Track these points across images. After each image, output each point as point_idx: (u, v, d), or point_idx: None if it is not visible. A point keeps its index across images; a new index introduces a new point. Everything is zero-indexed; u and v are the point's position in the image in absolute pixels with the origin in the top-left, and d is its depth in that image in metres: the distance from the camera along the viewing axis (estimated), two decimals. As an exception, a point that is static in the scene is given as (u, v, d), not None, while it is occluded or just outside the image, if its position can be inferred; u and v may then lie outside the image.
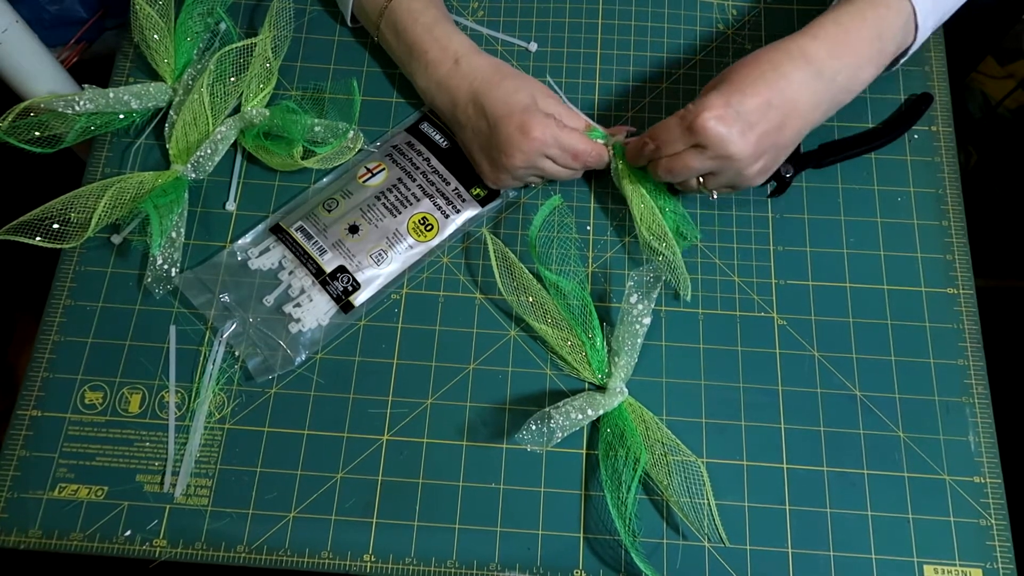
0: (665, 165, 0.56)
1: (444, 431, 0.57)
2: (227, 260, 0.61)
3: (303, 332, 0.59)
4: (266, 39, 0.65)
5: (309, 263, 0.60)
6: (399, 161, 0.63)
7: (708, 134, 0.52)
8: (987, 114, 1.14)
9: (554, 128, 0.58)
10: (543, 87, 0.60)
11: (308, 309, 0.59)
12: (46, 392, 0.58)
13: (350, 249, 0.60)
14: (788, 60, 0.54)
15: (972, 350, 0.58)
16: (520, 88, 0.59)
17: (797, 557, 0.53)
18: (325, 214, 0.61)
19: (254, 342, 0.58)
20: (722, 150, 0.52)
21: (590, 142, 0.60)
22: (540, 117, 0.57)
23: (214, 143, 0.63)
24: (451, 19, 0.64)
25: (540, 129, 0.57)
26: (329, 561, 0.54)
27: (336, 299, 0.59)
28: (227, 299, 0.59)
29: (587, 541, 0.54)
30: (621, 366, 0.56)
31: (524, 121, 0.57)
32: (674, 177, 0.56)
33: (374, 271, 0.60)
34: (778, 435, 0.56)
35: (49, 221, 0.58)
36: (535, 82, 0.60)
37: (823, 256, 0.61)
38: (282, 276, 0.60)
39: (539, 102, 0.59)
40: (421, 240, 0.61)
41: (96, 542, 0.54)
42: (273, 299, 0.60)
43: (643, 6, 0.70)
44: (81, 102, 0.62)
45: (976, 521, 0.54)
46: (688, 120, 0.52)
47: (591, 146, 0.59)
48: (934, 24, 0.58)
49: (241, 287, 0.60)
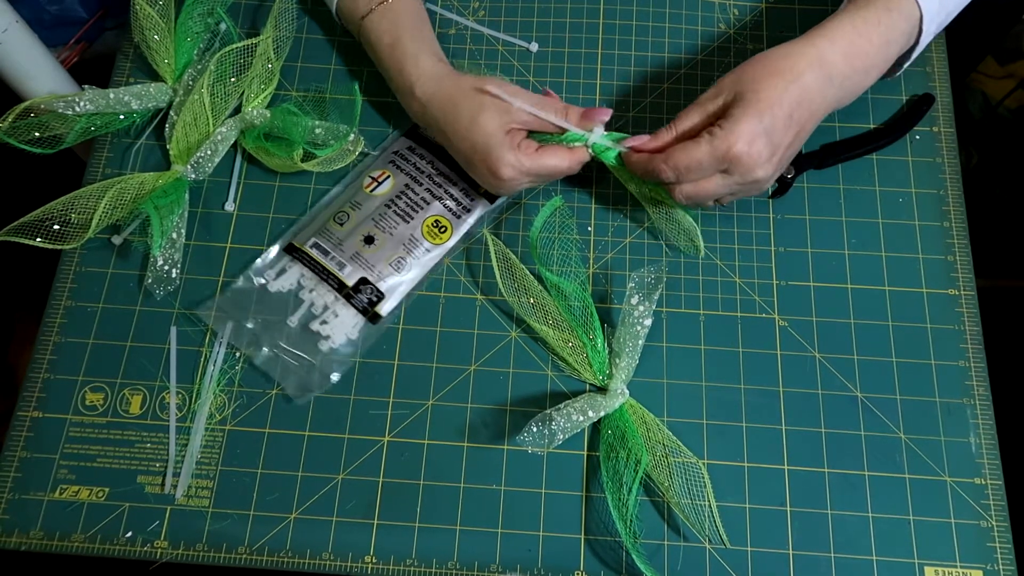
0: (688, 192, 0.54)
1: (445, 432, 0.57)
2: (244, 287, 0.60)
3: (334, 348, 0.59)
4: (268, 39, 0.65)
5: (330, 279, 0.59)
6: (403, 167, 0.63)
7: (743, 163, 0.51)
8: (987, 114, 1.14)
9: (523, 162, 0.56)
10: (500, 104, 0.56)
11: (335, 325, 0.59)
12: (47, 393, 0.58)
13: (368, 260, 0.60)
14: (807, 65, 0.53)
15: (973, 351, 0.58)
16: (475, 119, 0.56)
17: (798, 558, 0.53)
18: (337, 228, 0.61)
19: (287, 365, 0.58)
20: (751, 176, 0.52)
21: (565, 156, 0.57)
22: (505, 155, 0.55)
23: (214, 144, 0.63)
24: (419, 33, 0.62)
25: (508, 170, 0.56)
26: (330, 562, 0.54)
27: (363, 311, 0.59)
28: (252, 326, 0.59)
29: (588, 542, 0.54)
30: (622, 367, 0.56)
31: (489, 165, 0.56)
32: (692, 201, 0.56)
33: (396, 279, 0.60)
34: (779, 436, 0.56)
35: (50, 222, 0.58)
36: (490, 100, 0.56)
37: (824, 257, 0.61)
38: (303, 295, 0.60)
39: (498, 126, 0.56)
40: (437, 243, 0.61)
41: (97, 543, 0.54)
42: (297, 319, 0.59)
43: (644, 6, 0.70)
44: (81, 103, 0.62)
45: (977, 522, 0.54)
46: (721, 151, 0.51)
47: (567, 162, 0.57)
48: (936, 29, 0.58)
49: (264, 312, 0.60)
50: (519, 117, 0.56)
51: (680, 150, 0.53)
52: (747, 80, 0.53)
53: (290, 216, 0.64)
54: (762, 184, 0.54)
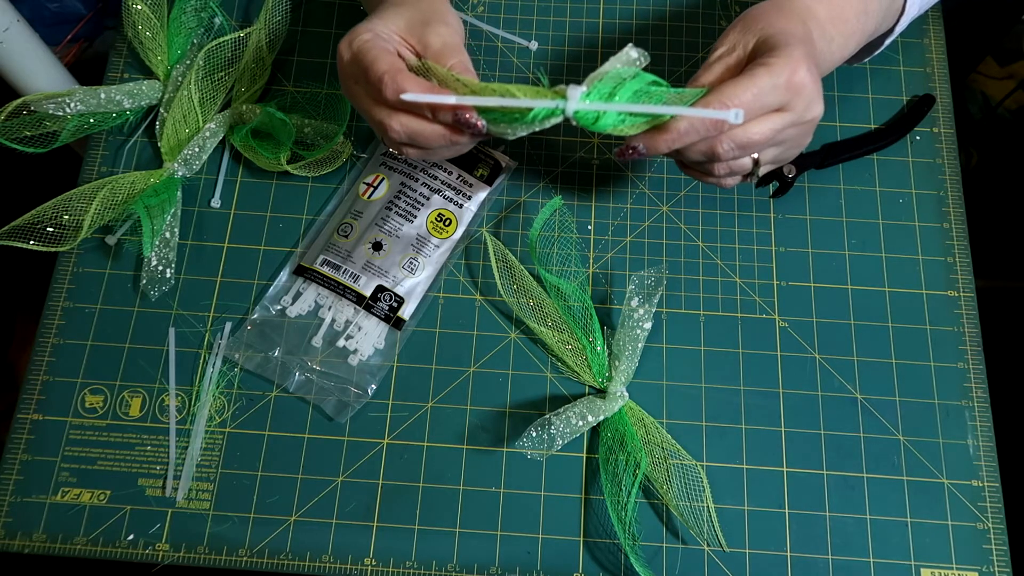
0: (741, 138, 0.46)
1: (444, 435, 0.57)
2: (263, 317, 0.60)
3: (363, 362, 0.58)
4: (260, 30, 0.64)
5: (347, 293, 0.59)
6: (395, 167, 0.63)
7: (807, 90, 0.45)
8: (987, 115, 1.14)
9: (367, 42, 0.47)
10: (459, 27, 0.50)
11: (361, 338, 0.58)
12: (46, 395, 0.58)
13: (380, 267, 0.59)
14: (808, 15, 0.50)
15: (972, 353, 0.58)
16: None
17: (796, 561, 0.54)
18: (343, 240, 0.60)
19: (322, 386, 0.58)
20: (813, 111, 0.47)
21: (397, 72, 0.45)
22: (361, 28, 0.48)
23: (202, 139, 0.62)
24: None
25: (348, 38, 0.48)
26: (330, 565, 0.54)
27: (385, 319, 0.59)
28: (278, 354, 0.59)
29: (587, 545, 0.55)
30: (622, 370, 0.56)
31: None
32: (743, 153, 0.47)
33: (412, 280, 0.59)
34: (778, 438, 0.57)
35: (42, 224, 0.58)
36: (453, 15, 0.50)
37: (825, 257, 0.61)
38: (322, 314, 0.59)
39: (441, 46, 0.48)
40: (444, 237, 0.61)
41: (100, 546, 0.55)
42: (321, 338, 0.59)
43: (644, 5, 0.69)
44: (72, 103, 0.61)
45: (973, 524, 0.54)
46: (784, 77, 0.44)
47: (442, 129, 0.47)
48: (918, 10, 0.56)
49: (288, 338, 0.59)
50: (462, 60, 0.48)
51: (733, 84, 0.44)
52: (766, 20, 0.48)
53: (287, 215, 0.63)
54: (815, 123, 0.48)
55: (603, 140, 0.65)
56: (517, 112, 0.42)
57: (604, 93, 0.42)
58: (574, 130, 0.65)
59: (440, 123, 0.47)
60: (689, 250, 0.62)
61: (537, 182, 0.64)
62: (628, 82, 0.43)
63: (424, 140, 0.48)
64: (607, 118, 0.43)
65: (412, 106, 0.46)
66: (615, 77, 0.43)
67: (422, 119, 0.47)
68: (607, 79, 0.42)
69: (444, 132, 0.47)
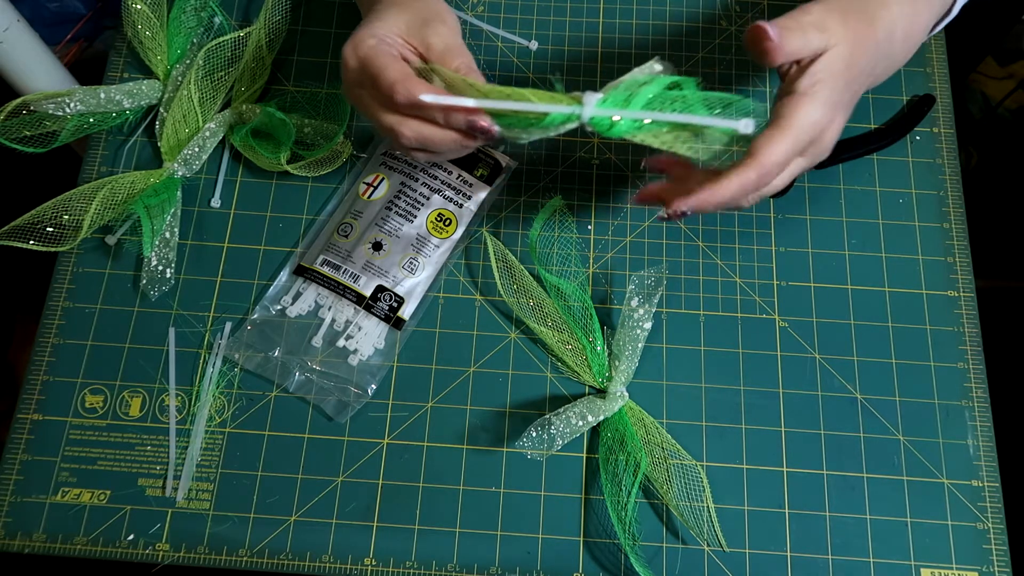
0: (766, 191, 0.48)
1: (444, 434, 0.57)
2: (263, 317, 0.60)
3: (363, 362, 0.58)
4: (260, 29, 0.64)
5: (347, 293, 0.59)
6: (395, 167, 0.63)
7: (827, 138, 0.46)
8: (987, 115, 1.14)
9: (373, 48, 0.46)
10: (456, 27, 0.49)
11: (361, 338, 0.58)
12: (46, 395, 0.58)
13: (380, 267, 0.59)
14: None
15: (972, 353, 0.58)
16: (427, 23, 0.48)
17: (796, 560, 0.54)
18: (343, 240, 0.60)
19: (322, 386, 0.58)
20: (825, 151, 0.47)
21: (407, 80, 0.45)
22: (365, 33, 0.47)
23: (202, 139, 0.62)
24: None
25: (352, 44, 0.47)
26: (330, 565, 0.54)
27: (385, 319, 0.59)
28: (278, 354, 0.59)
29: (587, 545, 0.55)
30: (621, 370, 0.56)
31: None
32: (762, 198, 0.50)
33: (412, 280, 0.59)
34: (778, 438, 0.57)
35: (42, 224, 0.58)
36: (452, 16, 0.50)
37: (825, 257, 0.61)
38: (322, 314, 0.59)
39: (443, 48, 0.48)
40: (444, 237, 0.61)
41: (100, 546, 0.55)
42: (321, 338, 0.59)
43: (644, 4, 0.69)
44: (72, 103, 0.61)
45: (973, 524, 0.54)
46: (812, 134, 0.45)
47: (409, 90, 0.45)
48: None
49: (288, 338, 0.59)
50: (465, 59, 0.48)
51: (768, 145, 0.44)
52: (832, 28, 0.46)
53: (287, 215, 0.63)
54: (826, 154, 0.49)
55: (603, 140, 0.65)
56: (532, 117, 0.43)
57: (620, 100, 0.42)
58: (574, 130, 0.65)
59: (453, 129, 0.46)
60: (689, 250, 0.62)
61: (537, 182, 0.64)
62: (643, 88, 0.43)
63: (435, 145, 0.48)
64: (622, 124, 0.42)
65: (423, 111, 0.46)
66: (631, 84, 0.42)
67: (434, 126, 0.47)
68: (623, 86, 0.42)
69: (456, 137, 0.47)
